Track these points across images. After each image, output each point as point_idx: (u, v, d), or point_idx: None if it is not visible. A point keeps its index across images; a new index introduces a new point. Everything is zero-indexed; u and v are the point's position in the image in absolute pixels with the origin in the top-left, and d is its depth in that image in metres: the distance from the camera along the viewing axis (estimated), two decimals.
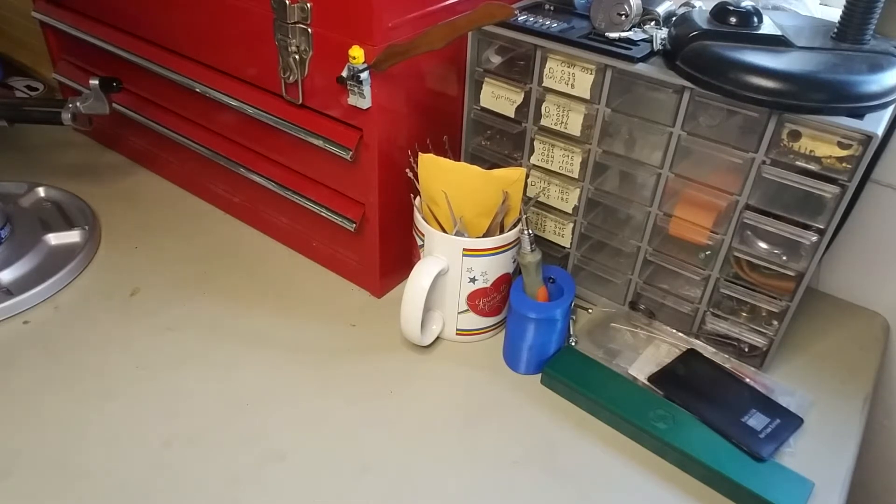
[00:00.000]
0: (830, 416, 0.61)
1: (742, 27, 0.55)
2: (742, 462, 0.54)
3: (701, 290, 0.64)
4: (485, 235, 0.62)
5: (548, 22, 0.61)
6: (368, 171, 0.63)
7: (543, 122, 0.64)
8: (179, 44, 0.73)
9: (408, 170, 0.63)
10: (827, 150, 0.51)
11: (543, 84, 0.62)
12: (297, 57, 0.61)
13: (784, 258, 0.58)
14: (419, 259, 0.62)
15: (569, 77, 0.60)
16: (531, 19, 0.62)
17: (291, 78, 0.63)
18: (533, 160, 0.66)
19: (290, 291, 0.72)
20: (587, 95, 0.60)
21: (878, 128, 0.49)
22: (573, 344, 0.66)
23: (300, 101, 0.64)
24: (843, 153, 0.51)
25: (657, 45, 0.58)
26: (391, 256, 0.69)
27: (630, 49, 0.57)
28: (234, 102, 0.69)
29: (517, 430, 0.58)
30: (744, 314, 0.63)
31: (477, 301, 0.64)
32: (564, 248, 0.70)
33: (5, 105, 0.79)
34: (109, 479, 0.53)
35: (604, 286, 0.70)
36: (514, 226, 0.62)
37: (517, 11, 0.62)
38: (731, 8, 0.56)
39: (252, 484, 0.53)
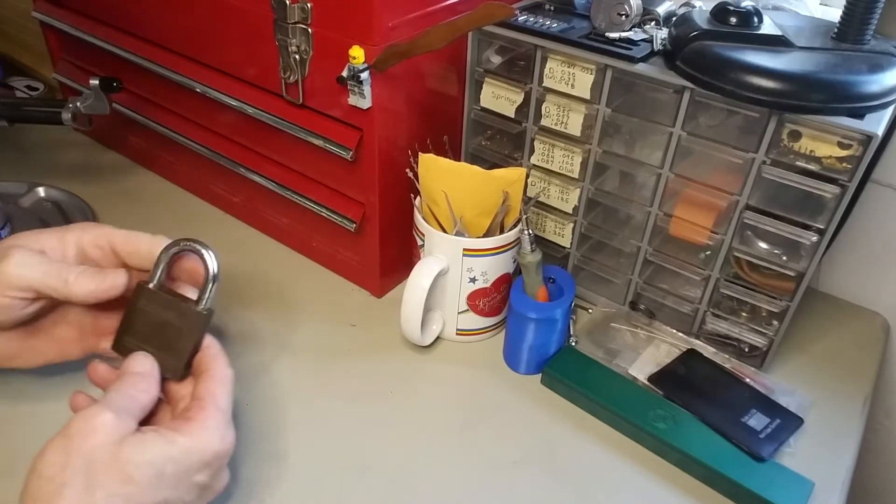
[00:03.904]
0: (830, 416, 0.61)
1: (742, 27, 0.55)
2: (742, 462, 0.54)
3: (701, 290, 0.64)
4: (485, 235, 0.62)
5: (548, 22, 0.61)
6: (368, 171, 0.63)
7: (543, 122, 0.63)
8: (179, 44, 0.73)
9: (408, 170, 0.63)
10: (827, 150, 0.51)
11: (543, 84, 0.62)
12: (297, 57, 0.61)
13: (784, 258, 0.58)
14: (419, 259, 0.62)
15: (569, 77, 0.60)
16: (531, 19, 0.62)
17: (291, 78, 0.63)
18: (533, 160, 0.66)
19: (290, 291, 0.72)
20: (587, 95, 0.60)
21: (879, 128, 0.49)
22: (573, 344, 0.66)
23: (300, 101, 0.64)
24: (844, 153, 0.51)
25: (657, 45, 0.58)
26: (391, 256, 0.69)
27: (630, 49, 0.57)
28: (234, 102, 0.69)
29: (517, 430, 0.58)
30: (744, 314, 0.63)
31: (477, 301, 0.64)
32: (564, 248, 0.70)
33: (5, 105, 0.79)
34: None
35: (604, 286, 0.70)
36: (515, 226, 0.62)
37: (517, 11, 0.62)
38: (731, 8, 0.56)
39: (252, 484, 0.53)
